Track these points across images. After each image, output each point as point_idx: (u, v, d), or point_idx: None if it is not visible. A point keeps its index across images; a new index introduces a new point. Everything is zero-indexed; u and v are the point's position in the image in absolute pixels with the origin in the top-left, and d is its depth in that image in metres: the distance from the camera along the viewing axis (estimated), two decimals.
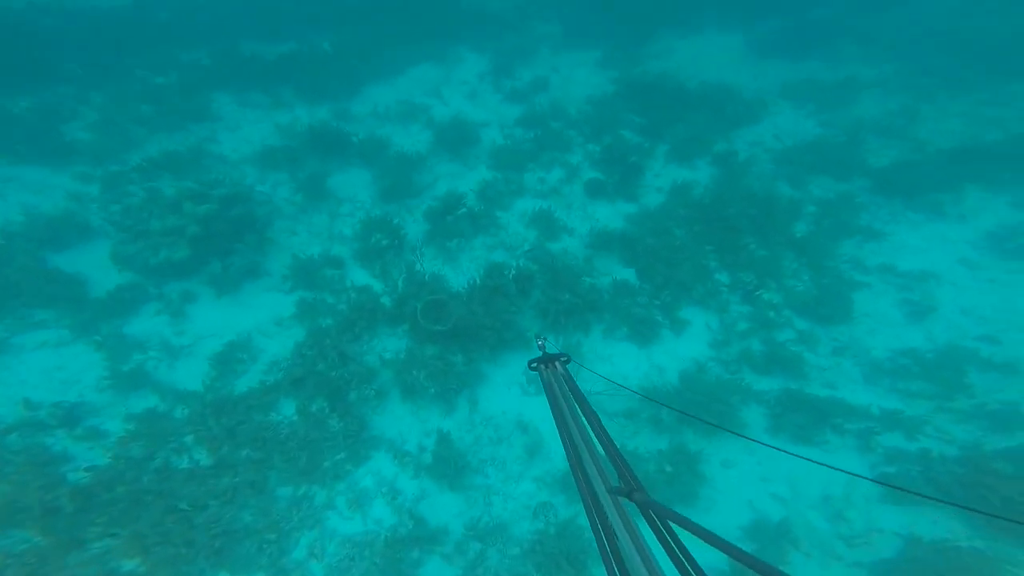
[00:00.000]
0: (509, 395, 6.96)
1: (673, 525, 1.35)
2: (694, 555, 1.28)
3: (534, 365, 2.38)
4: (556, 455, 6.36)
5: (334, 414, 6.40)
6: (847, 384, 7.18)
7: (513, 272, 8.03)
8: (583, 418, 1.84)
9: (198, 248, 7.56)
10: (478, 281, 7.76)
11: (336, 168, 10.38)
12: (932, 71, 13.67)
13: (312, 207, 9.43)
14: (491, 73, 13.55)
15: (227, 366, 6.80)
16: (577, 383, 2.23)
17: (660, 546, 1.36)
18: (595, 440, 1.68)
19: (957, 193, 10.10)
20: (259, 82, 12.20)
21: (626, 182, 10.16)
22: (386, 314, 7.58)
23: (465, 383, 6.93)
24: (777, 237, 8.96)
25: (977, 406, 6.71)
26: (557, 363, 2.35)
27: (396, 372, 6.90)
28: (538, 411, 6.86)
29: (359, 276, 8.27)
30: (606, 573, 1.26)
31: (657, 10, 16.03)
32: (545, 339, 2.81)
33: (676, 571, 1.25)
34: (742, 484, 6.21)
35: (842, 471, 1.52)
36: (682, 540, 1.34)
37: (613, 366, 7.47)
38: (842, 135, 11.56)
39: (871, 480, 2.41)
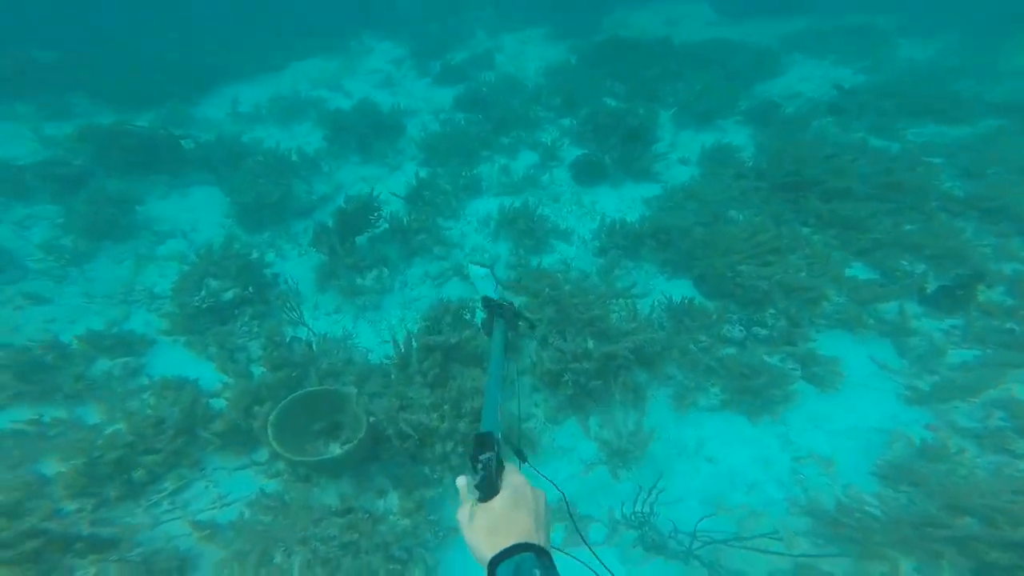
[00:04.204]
0: None
1: None
2: None
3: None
4: None
5: None
6: None
7: (482, 313, 4.03)
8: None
9: None
10: (414, 343, 3.70)
11: (161, 189, 6.24)
12: (948, 19, 11.04)
13: (95, 255, 5.16)
14: (412, 57, 10.08)
15: None
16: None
17: None
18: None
19: None
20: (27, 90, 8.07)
21: (630, 156, 6.59)
22: (220, 432, 3.29)
23: (411, 554, 2.67)
24: (925, 202, 5.41)
25: None
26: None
27: (233, 554, 2.57)
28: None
29: (171, 363, 3.97)
30: None
31: None
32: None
33: None
34: None
35: None
36: None
37: (715, 465, 3.43)
38: (909, 77, 8.53)
39: None
